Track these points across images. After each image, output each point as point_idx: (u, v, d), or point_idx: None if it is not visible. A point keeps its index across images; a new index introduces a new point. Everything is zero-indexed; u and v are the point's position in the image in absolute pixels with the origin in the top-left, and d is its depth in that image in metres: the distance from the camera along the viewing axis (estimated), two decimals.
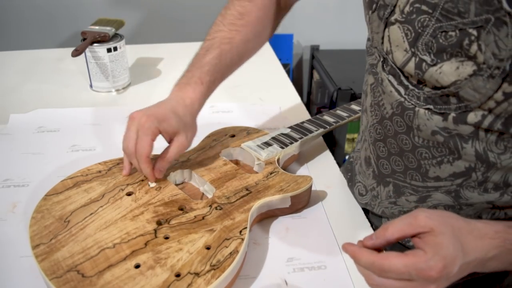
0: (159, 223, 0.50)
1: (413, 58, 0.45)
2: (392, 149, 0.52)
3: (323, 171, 0.67)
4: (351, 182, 0.64)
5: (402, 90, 0.48)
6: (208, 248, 0.46)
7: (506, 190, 0.47)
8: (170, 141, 0.56)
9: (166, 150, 0.56)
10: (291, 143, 0.65)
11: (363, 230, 0.56)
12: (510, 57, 0.38)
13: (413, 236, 0.39)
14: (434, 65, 0.43)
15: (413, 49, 0.44)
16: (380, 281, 0.39)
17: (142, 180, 0.56)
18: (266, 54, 1.13)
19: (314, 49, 2.04)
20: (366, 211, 0.61)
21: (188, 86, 0.58)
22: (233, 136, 0.68)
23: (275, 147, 0.64)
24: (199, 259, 0.45)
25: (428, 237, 0.38)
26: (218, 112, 0.82)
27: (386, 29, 0.47)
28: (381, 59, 0.50)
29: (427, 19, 0.42)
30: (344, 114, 0.73)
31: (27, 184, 0.62)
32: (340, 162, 1.68)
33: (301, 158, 0.69)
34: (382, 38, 0.48)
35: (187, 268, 0.44)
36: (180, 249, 0.46)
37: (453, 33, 0.40)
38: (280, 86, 0.96)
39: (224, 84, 0.94)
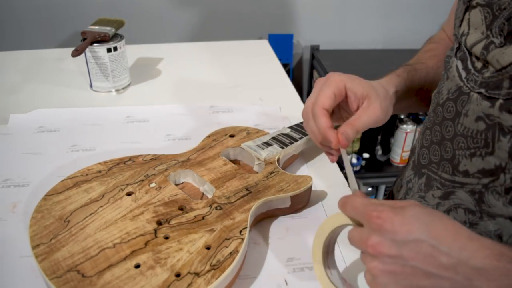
0: (159, 223, 0.50)
1: (485, 40, 0.45)
2: (435, 137, 0.52)
3: (323, 171, 0.67)
4: (395, 184, 0.65)
5: (464, 74, 0.48)
6: (208, 248, 0.46)
7: None
8: (357, 109, 0.50)
9: (355, 116, 0.49)
10: (291, 143, 0.65)
11: None
12: None
13: None
14: (501, 47, 0.43)
15: (488, 32, 0.45)
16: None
17: (142, 180, 0.56)
18: (266, 54, 1.13)
19: (314, 49, 2.04)
20: None
21: (382, 79, 0.56)
22: (233, 136, 0.68)
23: (275, 147, 0.64)
24: (199, 259, 0.45)
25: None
26: (218, 112, 0.82)
27: (467, 13, 0.48)
28: (457, 45, 0.51)
29: (506, 2, 0.43)
30: None
31: (27, 184, 0.62)
32: (340, 162, 1.68)
33: (301, 158, 0.69)
34: (461, 21, 0.49)
35: (187, 268, 0.44)
36: (180, 249, 0.46)
37: None
38: (280, 86, 0.96)
39: (224, 84, 0.95)
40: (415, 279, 0.35)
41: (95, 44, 0.85)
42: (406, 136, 1.73)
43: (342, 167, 0.68)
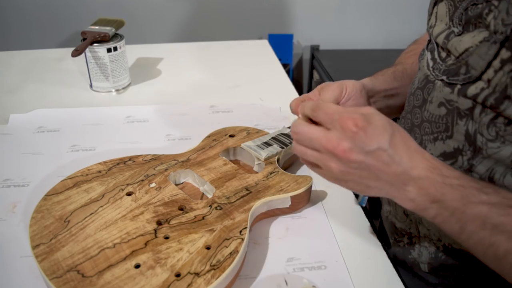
0: (159, 223, 0.50)
1: (447, 30, 0.48)
2: (407, 124, 0.55)
3: None
4: None
5: (431, 64, 0.51)
6: (208, 248, 0.46)
7: None
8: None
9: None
10: (291, 143, 0.65)
11: (363, 230, 0.56)
12: None
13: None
14: (459, 35, 0.46)
15: (450, 22, 0.48)
16: (306, 127, 0.43)
17: (142, 180, 0.56)
18: (266, 54, 1.13)
19: (314, 49, 2.04)
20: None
21: None
22: (233, 136, 0.68)
23: (275, 147, 0.64)
24: (199, 259, 0.45)
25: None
26: (218, 112, 0.82)
27: (435, 7, 0.52)
28: (429, 38, 0.55)
29: None
30: None
31: (27, 184, 0.62)
32: None
33: None
34: (430, 15, 0.53)
35: (187, 268, 0.44)
36: (180, 249, 0.46)
37: (480, 5, 0.43)
38: (280, 86, 0.96)
39: (224, 84, 0.95)
40: (366, 180, 0.42)
41: (95, 44, 0.85)
42: None
43: None
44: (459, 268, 0.52)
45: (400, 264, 0.58)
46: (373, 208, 0.66)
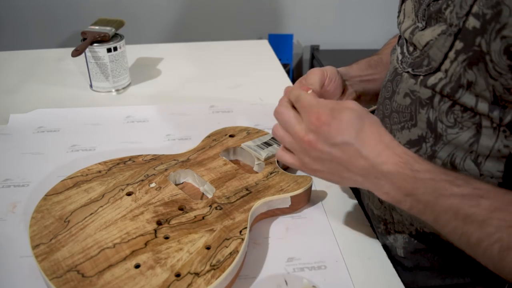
0: (159, 223, 0.50)
1: (413, 26, 0.51)
2: (379, 116, 0.58)
3: None
4: None
5: (400, 57, 0.54)
6: (208, 248, 0.46)
7: None
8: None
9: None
10: None
11: (363, 230, 0.56)
12: (465, 15, 0.41)
13: None
14: (423, 30, 0.48)
15: (416, 18, 0.50)
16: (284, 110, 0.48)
17: (142, 180, 0.56)
18: (266, 54, 1.13)
19: (314, 49, 2.04)
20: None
21: None
22: (233, 136, 0.68)
23: (275, 147, 0.64)
24: (199, 259, 0.45)
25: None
26: (218, 112, 0.82)
27: (403, 4, 0.54)
28: (400, 34, 0.57)
29: None
30: None
31: (27, 184, 0.62)
32: None
33: None
34: (399, 11, 0.55)
35: (187, 268, 0.44)
36: (180, 249, 0.46)
37: (440, 1, 0.45)
38: (280, 86, 0.95)
39: (224, 84, 0.95)
40: (339, 171, 0.45)
41: (95, 44, 0.85)
42: None
43: None
44: (431, 251, 0.53)
45: None
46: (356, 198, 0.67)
